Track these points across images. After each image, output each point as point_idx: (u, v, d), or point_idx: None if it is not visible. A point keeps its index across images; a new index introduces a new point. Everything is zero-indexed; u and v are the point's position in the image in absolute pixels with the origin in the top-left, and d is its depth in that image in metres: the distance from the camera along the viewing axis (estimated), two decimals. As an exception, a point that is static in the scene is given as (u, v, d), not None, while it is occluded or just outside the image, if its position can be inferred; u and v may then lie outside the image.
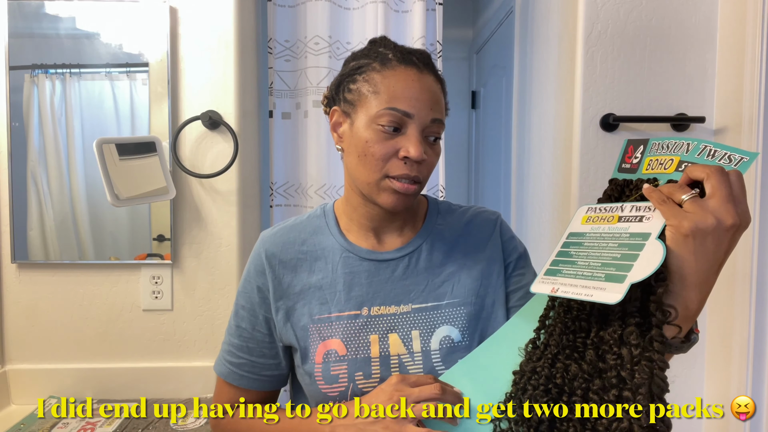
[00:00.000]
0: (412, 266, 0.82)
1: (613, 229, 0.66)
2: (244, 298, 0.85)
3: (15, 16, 1.30)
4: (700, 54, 1.29)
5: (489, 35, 2.29)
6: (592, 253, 0.66)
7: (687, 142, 0.67)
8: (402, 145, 0.73)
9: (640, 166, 0.71)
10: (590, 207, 0.70)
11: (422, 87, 0.74)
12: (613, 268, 0.62)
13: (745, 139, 1.19)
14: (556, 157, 1.43)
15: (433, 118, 0.75)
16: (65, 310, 1.36)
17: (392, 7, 1.48)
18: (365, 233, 0.84)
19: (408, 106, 0.73)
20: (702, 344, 1.32)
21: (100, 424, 1.18)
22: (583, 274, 0.64)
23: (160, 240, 1.36)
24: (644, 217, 0.63)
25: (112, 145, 1.21)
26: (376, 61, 0.76)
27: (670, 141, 0.69)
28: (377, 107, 0.73)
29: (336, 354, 0.78)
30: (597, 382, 0.61)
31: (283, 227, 0.87)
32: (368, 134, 0.74)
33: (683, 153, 0.66)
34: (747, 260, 1.19)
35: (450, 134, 2.58)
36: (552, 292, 0.65)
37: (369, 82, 0.75)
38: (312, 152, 1.52)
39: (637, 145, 0.73)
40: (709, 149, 0.64)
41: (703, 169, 0.57)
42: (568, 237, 0.69)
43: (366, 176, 0.76)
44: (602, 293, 0.61)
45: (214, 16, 1.34)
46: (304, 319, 0.80)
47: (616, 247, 0.64)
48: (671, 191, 0.59)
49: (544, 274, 0.68)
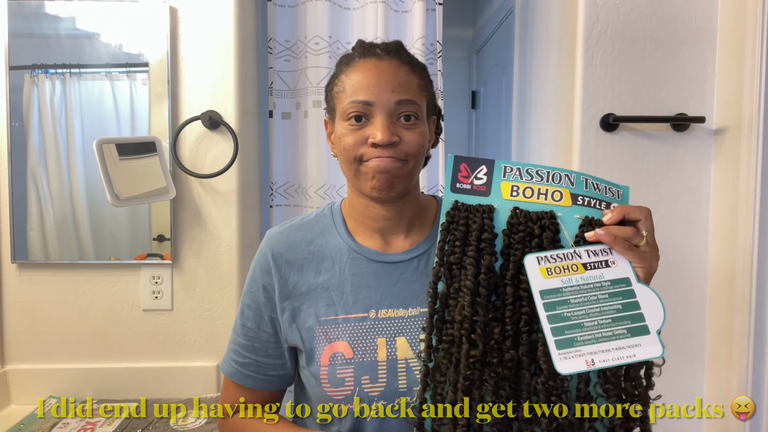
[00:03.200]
0: (421, 269, 0.81)
1: (588, 279, 0.65)
2: (250, 297, 0.84)
3: (15, 16, 1.30)
4: (700, 54, 1.29)
5: (489, 35, 2.29)
6: (590, 310, 0.64)
7: (560, 173, 0.69)
8: (369, 132, 0.74)
9: (493, 189, 0.70)
10: (538, 257, 0.66)
11: (380, 73, 0.75)
12: (627, 321, 0.63)
13: (745, 139, 1.19)
14: (556, 157, 1.43)
15: (397, 99, 0.74)
16: (65, 310, 1.36)
17: (392, 7, 1.48)
18: (371, 234, 0.83)
19: (366, 95, 0.74)
20: (702, 344, 1.32)
21: (100, 424, 1.18)
22: (603, 335, 0.63)
23: (160, 240, 1.36)
24: (609, 261, 0.66)
25: (112, 145, 1.21)
26: (343, 64, 0.79)
27: (529, 168, 0.70)
28: (344, 103, 0.76)
29: (342, 357, 0.77)
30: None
31: (289, 226, 0.86)
32: (341, 130, 0.77)
33: (569, 185, 0.69)
34: (747, 260, 1.19)
35: (450, 134, 2.58)
36: (588, 366, 0.61)
37: (338, 84, 0.78)
38: (312, 152, 1.52)
39: (473, 165, 0.71)
40: (592, 182, 0.69)
41: (639, 211, 0.66)
42: (543, 296, 0.64)
43: (348, 171, 0.78)
44: (641, 350, 0.62)
45: (214, 16, 1.34)
46: (310, 320, 0.80)
47: (608, 299, 0.64)
48: (628, 236, 0.65)
49: (558, 349, 0.62)
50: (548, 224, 0.68)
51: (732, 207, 1.23)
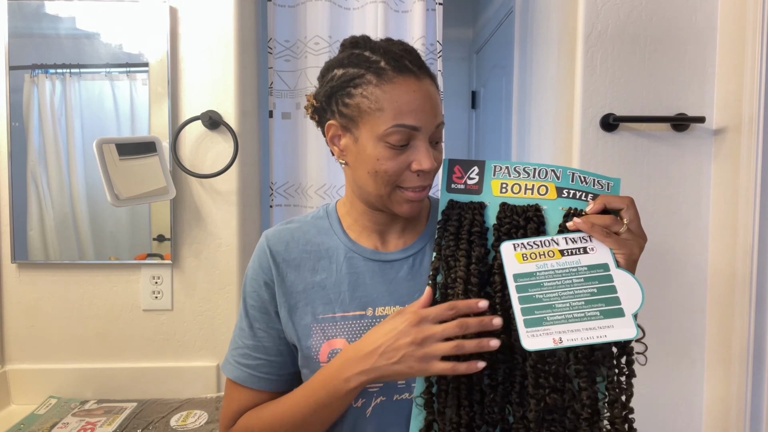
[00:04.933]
0: (416, 267, 0.82)
1: (563, 264, 0.68)
2: (253, 297, 0.84)
3: (15, 16, 1.30)
4: (700, 54, 1.29)
5: (489, 35, 2.29)
6: (563, 293, 0.66)
7: (546, 168, 0.73)
8: (413, 158, 0.73)
9: (485, 187, 0.76)
10: (515, 243, 0.70)
11: (424, 96, 0.73)
12: (601, 303, 0.65)
13: (745, 139, 1.19)
14: (556, 158, 1.43)
15: (438, 123, 0.75)
16: (65, 310, 1.36)
17: (392, 7, 1.49)
18: (368, 234, 0.84)
19: (415, 120, 0.72)
20: (702, 344, 1.32)
21: (100, 424, 1.18)
22: (573, 316, 0.65)
23: (160, 240, 1.36)
24: (587, 248, 0.68)
25: (112, 145, 1.21)
26: (369, 72, 0.73)
27: (517, 165, 0.75)
28: (384, 125, 0.72)
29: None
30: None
31: (286, 227, 0.87)
32: (378, 152, 0.73)
33: (554, 179, 0.73)
34: (747, 260, 1.19)
35: (450, 134, 2.59)
36: (556, 344, 0.64)
37: (368, 98, 0.73)
38: (312, 152, 1.52)
39: (465, 166, 0.77)
40: (579, 176, 0.73)
41: (621, 201, 0.69)
42: (516, 279, 0.68)
43: (378, 190, 0.76)
44: (613, 331, 0.64)
45: (214, 16, 1.34)
46: (307, 318, 0.80)
47: (584, 282, 0.66)
48: (607, 224, 0.68)
49: (526, 327, 0.65)
50: (533, 216, 0.72)
51: (732, 207, 1.23)
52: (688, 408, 1.32)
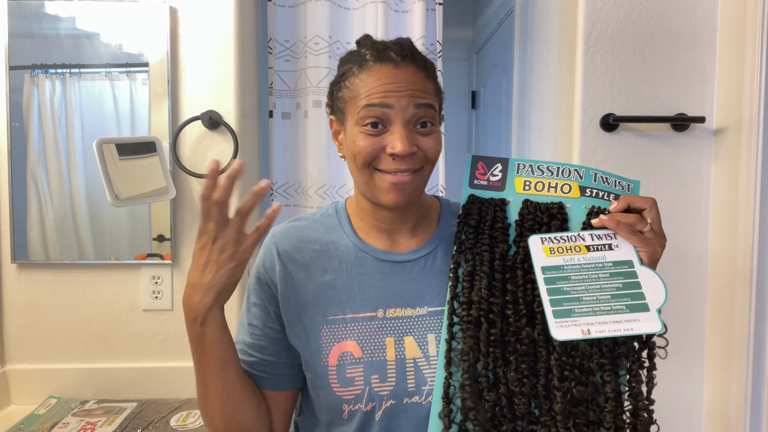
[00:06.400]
0: (428, 268, 0.81)
1: (590, 259, 0.70)
2: (256, 294, 0.83)
3: (15, 16, 1.30)
4: (700, 54, 1.29)
5: (489, 35, 2.29)
6: (590, 287, 0.68)
7: (570, 168, 0.75)
8: (387, 141, 0.72)
9: (508, 184, 0.77)
10: (542, 237, 0.72)
11: (398, 78, 0.72)
12: (627, 298, 0.67)
13: (745, 139, 1.19)
14: (556, 157, 1.43)
15: (416, 104, 0.73)
16: (65, 310, 1.36)
17: (392, 7, 1.48)
18: (378, 234, 0.82)
19: (383, 98, 0.72)
20: (702, 344, 1.32)
21: (100, 424, 1.18)
22: (601, 309, 0.67)
23: (160, 240, 1.36)
24: (612, 245, 0.70)
25: (112, 145, 1.21)
26: (355, 65, 0.76)
27: (540, 164, 0.77)
28: (357, 109, 0.73)
29: (352, 356, 0.77)
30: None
31: (294, 225, 0.85)
32: (354, 135, 0.74)
33: (577, 179, 0.75)
34: (747, 260, 1.19)
35: (450, 134, 2.58)
36: (584, 335, 0.66)
37: (350, 87, 0.75)
38: (312, 152, 1.52)
39: (489, 163, 0.78)
40: (601, 176, 0.75)
41: (644, 201, 0.71)
42: (544, 272, 0.70)
43: (359, 176, 0.76)
44: (639, 324, 0.66)
45: (214, 16, 1.34)
46: (317, 320, 0.79)
47: (610, 278, 0.68)
48: (632, 222, 0.70)
49: (555, 318, 0.67)
50: (556, 213, 0.74)
51: (732, 207, 1.23)
52: (688, 408, 1.32)
